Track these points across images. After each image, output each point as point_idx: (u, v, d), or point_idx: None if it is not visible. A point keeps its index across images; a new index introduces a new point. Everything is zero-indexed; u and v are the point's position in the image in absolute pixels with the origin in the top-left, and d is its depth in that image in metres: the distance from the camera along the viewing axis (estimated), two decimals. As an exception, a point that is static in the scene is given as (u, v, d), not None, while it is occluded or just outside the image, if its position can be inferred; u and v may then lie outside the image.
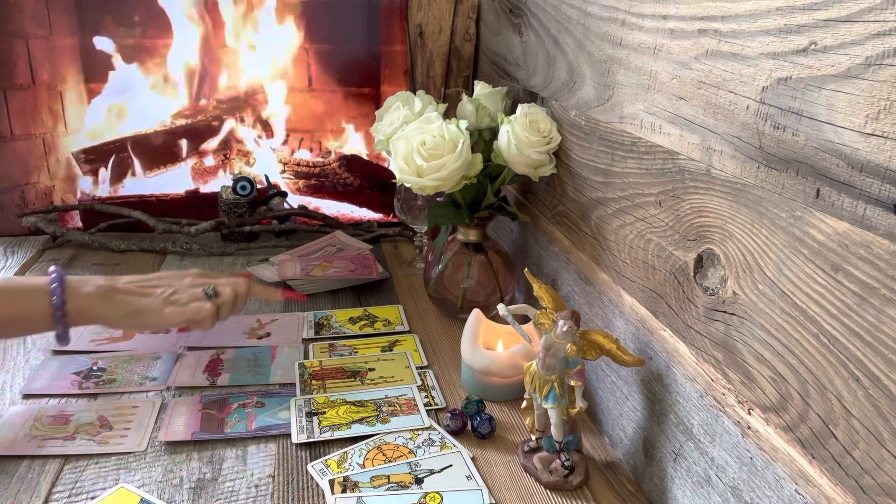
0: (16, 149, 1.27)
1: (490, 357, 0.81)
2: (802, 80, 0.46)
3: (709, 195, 0.57)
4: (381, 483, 0.66)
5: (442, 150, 0.86)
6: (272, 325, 0.98)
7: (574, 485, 0.67)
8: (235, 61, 1.43)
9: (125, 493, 0.64)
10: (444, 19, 1.29)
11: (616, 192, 0.75)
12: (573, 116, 0.85)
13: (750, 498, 0.52)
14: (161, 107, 1.43)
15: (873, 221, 0.40)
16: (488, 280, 0.99)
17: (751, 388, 0.53)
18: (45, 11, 1.27)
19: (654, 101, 0.65)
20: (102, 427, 0.74)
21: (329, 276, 1.11)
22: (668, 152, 0.63)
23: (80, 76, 1.35)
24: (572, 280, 0.86)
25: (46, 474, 0.67)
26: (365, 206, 1.47)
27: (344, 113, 1.46)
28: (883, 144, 0.39)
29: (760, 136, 0.50)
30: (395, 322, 1.00)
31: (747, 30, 0.51)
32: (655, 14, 0.64)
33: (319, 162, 1.46)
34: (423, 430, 0.75)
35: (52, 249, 1.24)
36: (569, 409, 0.67)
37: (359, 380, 0.84)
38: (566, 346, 0.64)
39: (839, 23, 0.42)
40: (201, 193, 1.42)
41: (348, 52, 1.43)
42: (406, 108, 0.95)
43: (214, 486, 0.66)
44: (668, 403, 0.63)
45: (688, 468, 0.60)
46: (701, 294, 0.59)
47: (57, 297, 0.72)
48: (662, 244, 0.65)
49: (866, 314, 0.41)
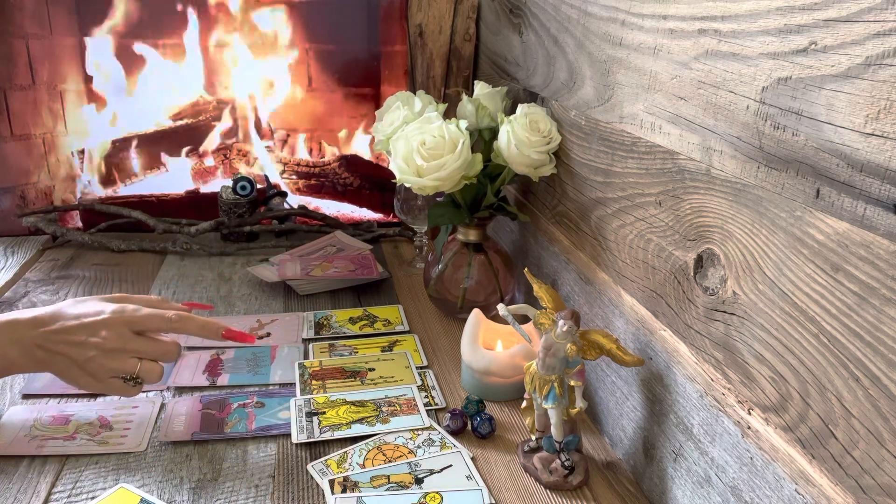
0: (16, 149, 1.27)
1: (490, 357, 0.81)
2: (802, 80, 0.46)
3: (709, 195, 0.57)
4: (381, 483, 0.66)
5: (442, 150, 0.86)
6: (272, 325, 0.98)
7: (574, 485, 0.67)
8: (235, 61, 1.43)
9: (125, 493, 0.64)
10: (444, 19, 1.29)
11: (616, 192, 0.75)
12: (573, 116, 0.85)
13: (750, 498, 0.52)
14: (161, 107, 1.43)
15: (873, 221, 0.40)
16: (488, 280, 0.99)
17: (751, 388, 0.53)
18: (45, 11, 1.27)
19: (654, 101, 0.65)
20: (102, 427, 0.74)
21: (329, 276, 1.11)
22: (668, 152, 0.63)
23: (81, 76, 1.35)
24: (572, 280, 0.86)
25: (46, 474, 0.67)
26: (365, 206, 1.47)
27: (344, 113, 1.46)
28: (883, 144, 0.39)
29: (760, 136, 0.50)
30: (395, 322, 1.00)
31: (747, 30, 0.51)
32: (655, 14, 0.64)
33: (319, 162, 1.46)
34: (423, 430, 0.75)
35: (52, 249, 1.24)
36: (569, 409, 0.67)
37: (359, 380, 0.84)
38: (566, 346, 0.64)
39: (839, 23, 0.42)
40: (201, 193, 1.42)
41: (348, 52, 1.43)
42: (406, 108, 0.95)
43: (214, 486, 0.66)
44: (668, 403, 0.63)
45: (688, 468, 0.60)
46: (701, 294, 0.59)
47: None
48: (662, 244, 0.65)
49: (866, 314, 0.41)
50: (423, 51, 1.31)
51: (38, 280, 1.11)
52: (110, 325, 0.69)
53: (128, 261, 1.20)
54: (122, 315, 0.70)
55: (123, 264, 1.18)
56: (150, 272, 1.16)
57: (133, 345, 0.69)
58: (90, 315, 0.69)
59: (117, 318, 0.69)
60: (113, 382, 0.69)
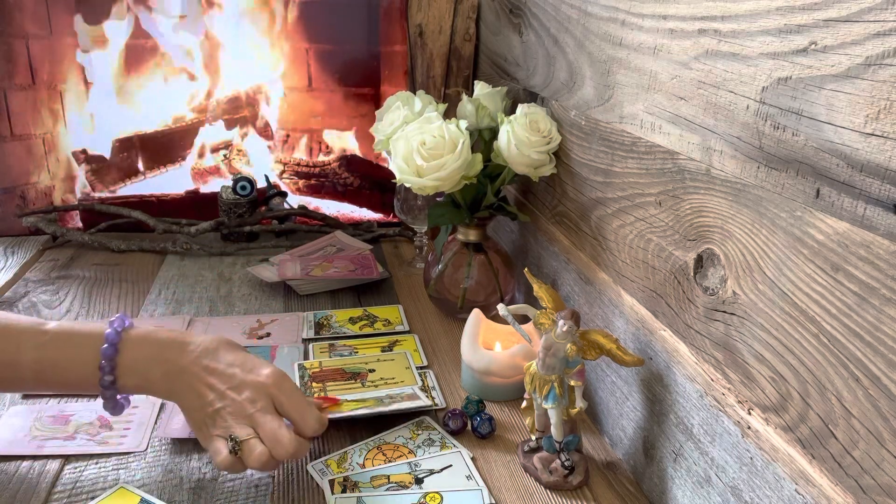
0: (16, 149, 1.27)
1: (490, 357, 0.81)
2: (802, 80, 0.46)
3: (709, 195, 0.57)
4: (381, 483, 0.66)
5: (442, 150, 0.86)
6: (272, 325, 0.98)
7: (574, 485, 0.67)
8: (236, 61, 1.43)
9: (125, 493, 0.64)
10: (444, 19, 1.29)
11: (616, 191, 0.75)
12: (573, 116, 0.85)
13: (750, 498, 0.52)
14: (161, 107, 1.43)
15: (873, 221, 0.40)
16: (488, 280, 0.99)
17: (751, 388, 0.53)
18: (45, 11, 1.27)
19: (654, 101, 0.65)
20: (102, 427, 0.74)
21: (329, 276, 1.11)
22: (668, 152, 0.63)
23: (81, 76, 1.35)
24: (572, 280, 0.86)
25: (46, 474, 0.67)
26: (365, 206, 1.47)
27: (344, 113, 1.46)
28: (883, 144, 0.39)
29: (760, 136, 0.50)
30: (395, 322, 1.00)
31: (747, 30, 0.51)
32: (655, 14, 0.64)
33: (319, 162, 1.46)
34: (423, 429, 0.75)
35: (52, 249, 1.24)
36: (569, 409, 0.67)
37: (359, 382, 0.84)
38: (566, 346, 0.64)
39: (839, 23, 0.42)
40: (201, 193, 1.42)
41: (348, 52, 1.43)
42: (406, 108, 0.95)
43: (214, 486, 0.66)
44: (668, 403, 0.63)
45: (688, 468, 0.60)
46: (701, 294, 0.59)
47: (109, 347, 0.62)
48: (662, 244, 0.65)
49: (866, 314, 0.41)
50: (423, 51, 1.31)
51: (38, 280, 1.11)
52: (261, 390, 0.63)
53: (128, 261, 1.20)
54: (280, 387, 0.63)
55: (123, 264, 1.18)
56: (150, 272, 1.16)
57: (261, 418, 0.62)
58: (248, 369, 0.64)
59: (273, 388, 0.63)
60: (216, 441, 0.62)
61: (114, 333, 0.64)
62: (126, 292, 1.08)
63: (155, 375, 0.64)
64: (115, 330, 0.64)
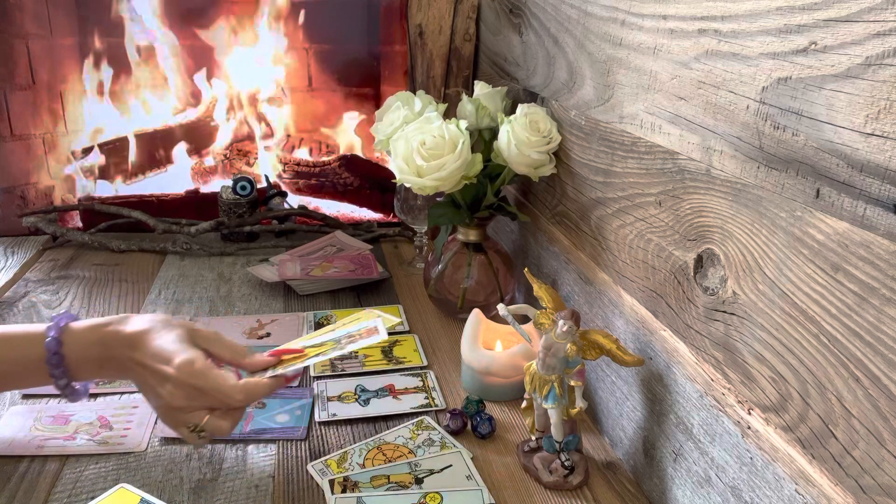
0: (16, 149, 1.27)
1: (490, 357, 0.81)
2: (802, 80, 0.46)
3: (709, 195, 0.57)
4: (381, 483, 0.66)
5: (442, 150, 0.86)
6: (272, 325, 0.98)
7: (574, 485, 0.67)
8: (236, 61, 1.43)
9: (125, 493, 0.64)
10: (444, 19, 1.29)
11: (616, 192, 0.75)
12: (573, 116, 0.85)
13: (750, 498, 0.52)
14: (161, 106, 1.43)
15: (873, 221, 0.40)
16: (488, 280, 0.99)
17: (751, 388, 0.53)
18: (45, 11, 1.27)
19: (654, 101, 0.65)
20: (102, 427, 0.74)
21: (329, 276, 1.11)
22: (668, 152, 0.63)
23: (80, 76, 1.35)
24: (572, 280, 0.86)
25: (46, 474, 0.67)
26: (365, 206, 1.47)
27: (344, 113, 1.47)
28: (883, 144, 0.39)
29: (760, 136, 0.50)
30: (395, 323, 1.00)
31: (747, 30, 0.51)
32: (655, 14, 0.64)
33: (319, 162, 1.46)
34: (423, 429, 0.75)
35: (52, 249, 1.24)
36: (569, 409, 0.67)
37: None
38: (566, 346, 0.64)
39: (839, 23, 0.42)
40: (201, 193, 1.42)
41: (348, 52, 1.43)
42: (406, 108, 0.95)
43: (214, 486, 0.66)
44: (668, 403, 0.63)
45: (688, 468, 0.60)
46: (701, 294, 0.59)
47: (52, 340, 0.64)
48: (662, 244, 0.65)
49: (866, 314, 0.41)
50: (423, 51, 1.31)
51: (38, 280, 1.11)
52: (176, 383, 0.63)
53: (128, 261, 1.20)
54: (189, 377, 0.63)
55: (123, 264, 1.18)
56: (150, 272, 1.16)
57: (199, 402, 0.63)
58: (162, 359, 0.64)
59: (183, 380, 0.63)
60: (181, 430, 0.64)
61: (56, 327, 0.66)
62: (126, 292, 1.08)
63: (107, 364, 0.66)
64: (56, 324, 0.66)
